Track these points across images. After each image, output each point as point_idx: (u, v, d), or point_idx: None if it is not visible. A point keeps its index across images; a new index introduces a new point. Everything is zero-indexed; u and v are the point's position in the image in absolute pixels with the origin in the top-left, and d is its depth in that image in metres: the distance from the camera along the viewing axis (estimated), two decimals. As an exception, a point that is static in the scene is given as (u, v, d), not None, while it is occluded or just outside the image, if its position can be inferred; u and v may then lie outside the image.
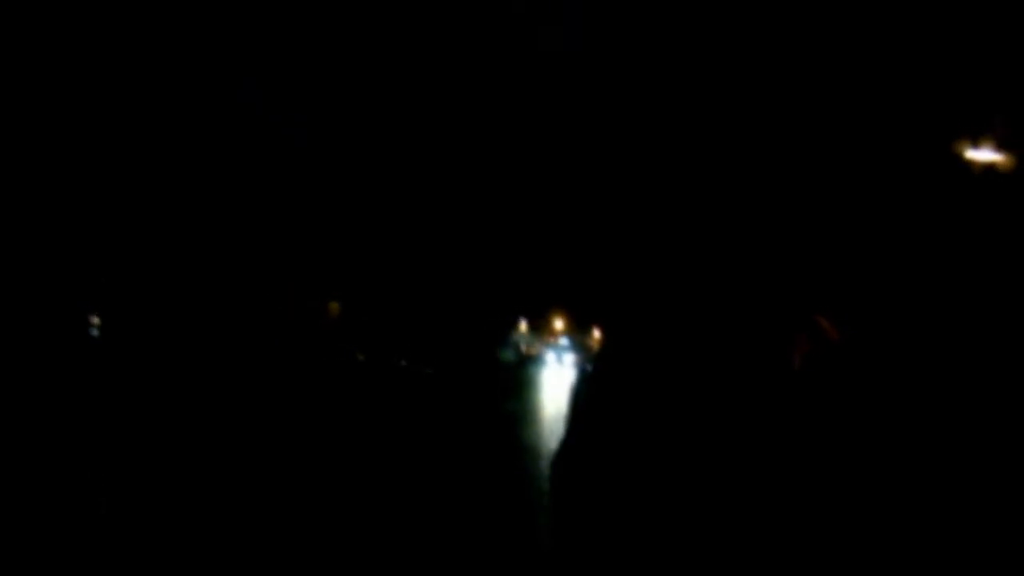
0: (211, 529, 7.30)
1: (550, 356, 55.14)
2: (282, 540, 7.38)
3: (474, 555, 7.34)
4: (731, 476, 2.01)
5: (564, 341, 59.29)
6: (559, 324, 64.90)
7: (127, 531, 6.99)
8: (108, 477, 9.38)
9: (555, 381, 37.52)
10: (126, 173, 32.19)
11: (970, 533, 2.15)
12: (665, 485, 2.03)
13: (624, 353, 2.07)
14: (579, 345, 51.10)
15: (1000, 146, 12.55)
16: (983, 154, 12.59)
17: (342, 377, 27.97)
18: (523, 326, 63.61)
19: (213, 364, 26.07)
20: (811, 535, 1.98)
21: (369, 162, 39.07)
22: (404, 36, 37.24)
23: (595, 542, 2.00)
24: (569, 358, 51.23)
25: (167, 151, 32.95)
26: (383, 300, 40.62)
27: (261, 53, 34.89)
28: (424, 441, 15.43)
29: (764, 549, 2.00)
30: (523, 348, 57.90)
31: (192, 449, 11.85)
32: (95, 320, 31.07)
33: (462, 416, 20.41)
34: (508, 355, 50.68)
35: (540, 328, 65.93)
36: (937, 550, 2.08)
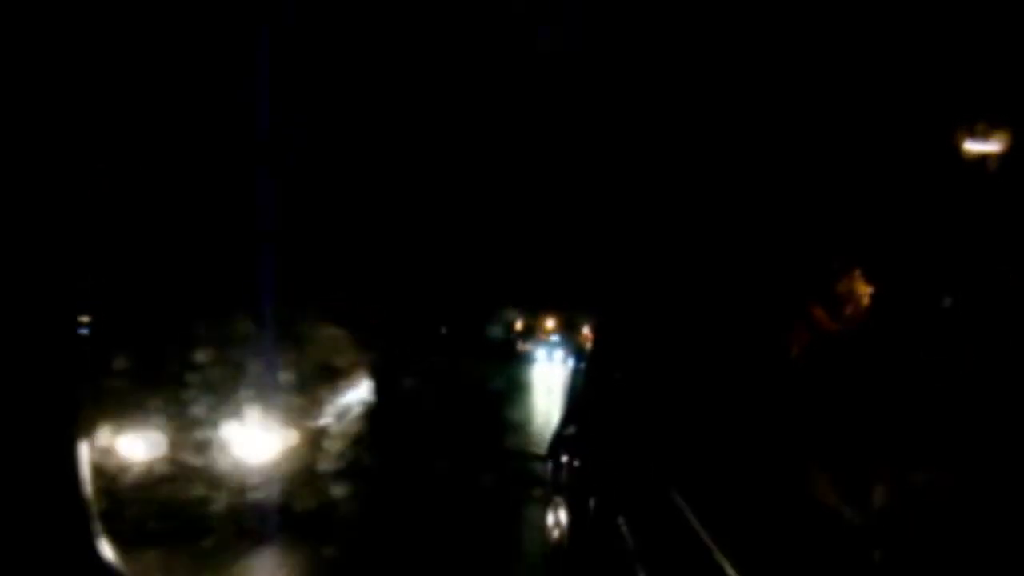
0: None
1: (540, 353, 55.50)
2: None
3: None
4: (728, 459, 2.25)
5: (555, 339, 59.60)
6: (550, 323, 65.24)
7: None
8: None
9: (541, 366, 44.48)
10: (124, 174, 32.52)
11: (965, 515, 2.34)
12: (661, 470, 2.28)
13: (620, 345, 2.37)
14: (570, 343, 51.55)
15: (996, 137, 12.63)
16: (979, 145, 12.68)
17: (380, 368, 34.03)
18: (519, 324, 64.01)
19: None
20: (806, 517, 2.20)
21: (369, 162, 39.44)
22: (404, 36, 37.67)
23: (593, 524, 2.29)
24: (559, 354, 51.76)
25: (167, 151, 33.28)
26: (405, 301, 46.07)
27: (261, 53, 35.21)
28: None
29: (755, 524, 2.20)
30: (515, 329, 59.56)
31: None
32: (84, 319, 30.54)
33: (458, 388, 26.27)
34: (496, 331, 54.95)
35: (533, 326, 66.30)
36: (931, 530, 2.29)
